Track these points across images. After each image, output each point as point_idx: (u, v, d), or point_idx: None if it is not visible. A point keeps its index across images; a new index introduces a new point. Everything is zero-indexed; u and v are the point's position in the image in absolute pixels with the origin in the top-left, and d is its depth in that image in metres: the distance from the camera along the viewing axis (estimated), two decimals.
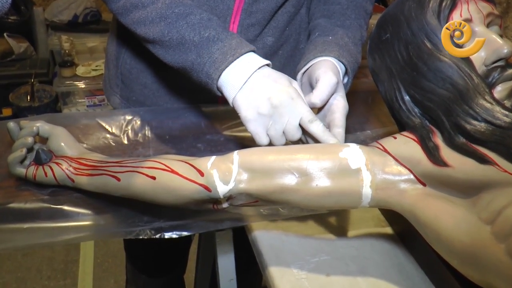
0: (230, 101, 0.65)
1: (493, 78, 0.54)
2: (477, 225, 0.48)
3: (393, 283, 0.61)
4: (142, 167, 0.61)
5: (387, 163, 0.56)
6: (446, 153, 0.53)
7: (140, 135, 0.82)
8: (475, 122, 0.52)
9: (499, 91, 0.54)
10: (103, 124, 0.83)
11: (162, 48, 0.68)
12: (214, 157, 0.59)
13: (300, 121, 0.62)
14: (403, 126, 0.60)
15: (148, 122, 0.84)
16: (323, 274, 0.62)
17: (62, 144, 0.71)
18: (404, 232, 0.69)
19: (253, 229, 0.70)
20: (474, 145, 0.52)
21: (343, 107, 0.67)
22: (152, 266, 1.14)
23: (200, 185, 0.57)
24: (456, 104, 0.54)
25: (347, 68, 0.71)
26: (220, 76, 0.63)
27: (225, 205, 0.60)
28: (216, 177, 0.56)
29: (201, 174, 0.57)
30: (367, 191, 0.55)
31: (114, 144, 0.80)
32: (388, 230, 0.71)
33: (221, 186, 0.56)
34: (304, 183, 0.55)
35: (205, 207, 0.61)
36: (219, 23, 0.68)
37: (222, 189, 0.56)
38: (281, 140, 0.63)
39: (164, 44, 0.67)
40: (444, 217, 0.51)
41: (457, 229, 0.50)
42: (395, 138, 0.59)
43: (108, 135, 0.81)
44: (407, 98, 0.59)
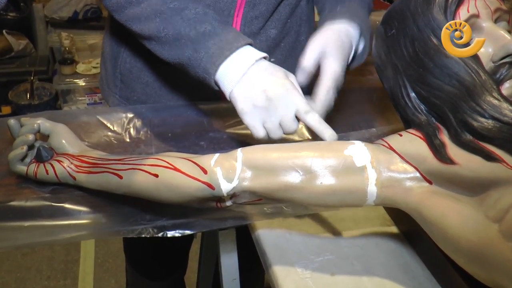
0: (227, 95, 0.65)
1: (501, 74, 0.54)
2: (484, 223, 0.48)
3: (399, 283, 0.61)
4: (145, 165, 0.60)
5: (392, 160, 0.55)
6: (453, 150, 0.53)
7: (142, 132, 0.82)
8: (482, 119, 0.51)
9: (507, 87, 0.53)
10: (105, 121, 0.82)
11: (158, 44, 0.68)
12: (217, 155, 0.58)
13: (296, 113, 0.62)
14: (408, 124, 0.60)
15: (150, 120, 0.83)
16: (328, 273, 0.62)
17: (63, 141, 0.70)
18: (410, 231, 0.68)
19: (257, 228, 0.69)
20: (481, 143, 0.51)
21: (332, 71, 0.67)
22: (152, 269, 1.14)
23: (203, 183, 0.56)
24: (463, 100, 0.53)
25: (361, 30, 0.72)
26: (217, 70, 0.63)
27: (228, 203, 0.59)
28: (219, 174, 0.56)
29: (205, 171, 0.57)
30: (372, 189, 0.54)
31: (115, 142, 0.79)
32: (394, 229, 0.71)
33: (225, 184, 0.56)
34: (308, 181, 0.55)
35: (208, 205, 0.60)
36: (215, 17, 0.67)
37: (225, 187, 0.56)
38: (278, 132, 0.63)
39: (160, 40, 0.67)
40: (451, 215, 0.51)
41: (464, 227, 0.49)
42: (400, 135, 0.58)
43: (110, 133, 0.81)
44: (413, 95, 0.58)
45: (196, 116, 0.85)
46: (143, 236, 0.63)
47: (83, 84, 2.47)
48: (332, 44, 0.68)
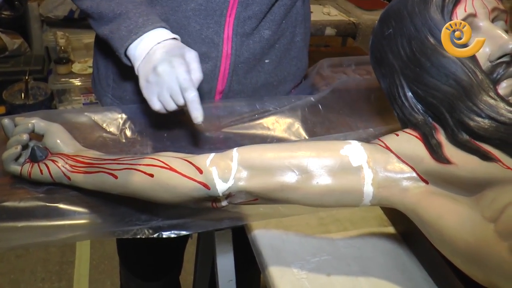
0: (136, 72, 0.71)
1: (498, 74, 0.53)
2: (481, 223, 0.48)
3: (396, 284, 0.61)
4: (140, 165, 0.60)
5: (389, 160, 0.55)
6: (449, 150, 0.53)
7: (137, 133, 0.81)
8: (479, 119, 0.51)
9: (504, 87, 0.53)
10: (100, 121, 0.82)
11: (91, 19, 0.77)
12: (213, 154, 0.58)
13: (180, 88, 0.66)
14: (405, 123, 0.59)
15: (146, 120, 0.83)
16: (324, 274, 0.62)
17: (58, 141, 0.69)
18: (407, 232, 0.68)
19: (253, 229, 0.69)
20: (477, 142, 0.51)
21: None
22: (146, 269, 1.13)
23: (199, 182, 0.56)
24: (460, 100, 0.53)
25: None
26: (126, 51, 0.71)
27: (224, 203, 0.58)
28: (215, 174, 0.55)
29: (200, 171, 0.56)
30: (368, 189, 0.54)
31: (111, 142, 0.79)
32: (391, 230, 0.71)
33: (220, 184, 0.55)
34: (304, 181, 0.54)
35: (204, 205, 0.60)
36: (135, 1, 0.72)
37: (221, 186, 0.55)
38: (171, 104, 0.67)
39: (90, 16, 0.76)
40: (448, 216, 0.51)
41: (460, 228, 0.49)
42: (397, 135, 0.58)
43: (105, 133, 0.80)
44: (409, 94, 0.58)
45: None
46: (138, 237, 0.63)
47: (79, 83, 2.44)
48: None
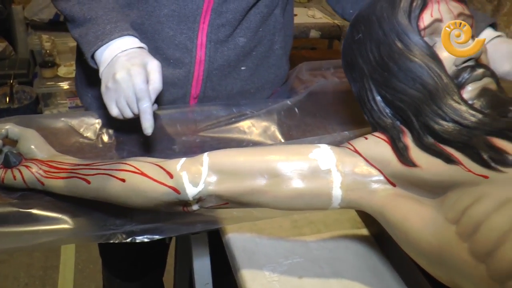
0: (100, 77, 0.72)
1: (462, 78, 0.54)
2: (443, 225, 0.48)
3: (367, 285, 0.61)
4: (112, 170, 0.60)
5: (357, 163, 0.56)
6: (415, 153, 0.53)
7: (114, 137, 0.81)
8: (443, 122, 0.52)
9: (469, 91, 0.54)
10: (77, 127, 0.82)
11: (66, 20, 0.78)
12: (184, 159, 0.58)
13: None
14: (375, 127, 0.60)
15: (122, 124, 0.83)
16: (296, 276, 0.62)
17: (32, 146, 0.69)
18: (379, 234, 0.68)
19: (227, 232, 0.69)
20: (442, 145, 0.52)
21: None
22: (127, 270, 1.13)
23: (169, 187, 0.56)
24: (426, 104, 0.54)
25: None
26: (92, 56, 0.72)
27: (195, 207, 0.59)
28: (185, 179, 0.56)
29: (170, 176, 0.56)
30: (337, 192, 0.55)
31: (87, 147, 0.79)
32: (364, 231, 0.71)
33: (190, 188, 0.56)
34: (273, 184, 0.55)
35: (175, 209, 0.60)
36: (106, 7, 0.73)
37: (191, 191, 0.56)
38: (127, 112, 0.68)
39: (65, 17, 0.77)
40: (413, 218, 0.51)
41: (424, 230, 0.50)
42: (366, 138, 0.58)
43: (81, 138, 0.80)
44: (378, 98, 0.59)
45: (168, 120, 0.85)
46: (112, 241, 0.63)
47: (65, 87, 2.43)
48: None
